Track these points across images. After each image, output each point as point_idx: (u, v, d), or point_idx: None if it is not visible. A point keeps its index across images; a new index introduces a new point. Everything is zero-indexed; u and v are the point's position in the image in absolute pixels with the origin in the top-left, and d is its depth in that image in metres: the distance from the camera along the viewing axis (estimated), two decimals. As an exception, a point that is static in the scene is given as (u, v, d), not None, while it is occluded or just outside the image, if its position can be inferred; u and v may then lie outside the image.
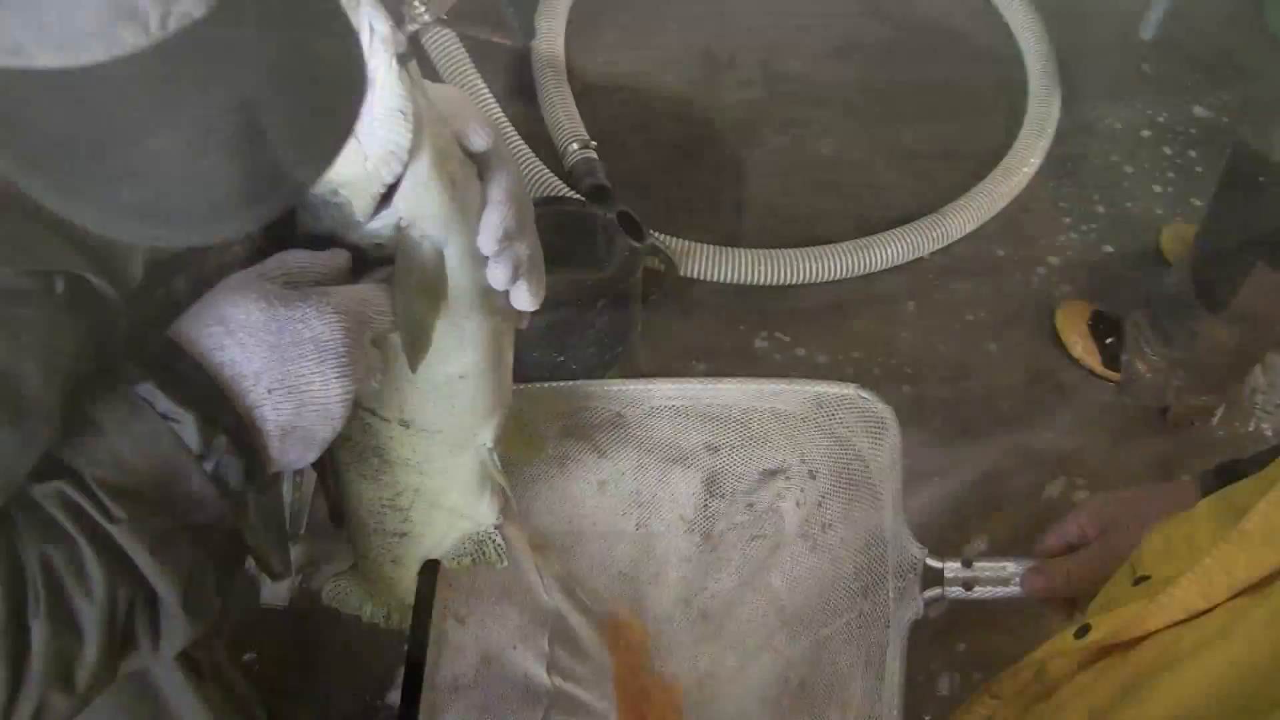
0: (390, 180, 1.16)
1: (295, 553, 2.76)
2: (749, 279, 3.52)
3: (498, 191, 1.27)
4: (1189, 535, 1.24)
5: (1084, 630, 1.26)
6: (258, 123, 0.76)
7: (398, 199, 1.18)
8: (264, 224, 0.84)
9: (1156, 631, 1.16)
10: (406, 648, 1.70)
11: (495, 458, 1.56)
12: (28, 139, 0.73)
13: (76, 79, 0.69)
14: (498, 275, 1.30)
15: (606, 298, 3.02)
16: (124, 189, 0.76)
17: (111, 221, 0.78)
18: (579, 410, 1.99)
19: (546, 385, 1.95)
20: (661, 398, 1.99)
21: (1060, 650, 1.31)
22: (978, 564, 1.72)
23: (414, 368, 1.24)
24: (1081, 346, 3.40)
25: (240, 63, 0.74)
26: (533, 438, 1.69)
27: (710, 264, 3.50)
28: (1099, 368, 3.38)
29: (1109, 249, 3.74)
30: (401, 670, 2.70)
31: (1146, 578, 1.23)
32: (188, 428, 1.11)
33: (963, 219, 3.70)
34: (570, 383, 1.96)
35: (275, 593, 2.74)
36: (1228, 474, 1.37)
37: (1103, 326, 3.38)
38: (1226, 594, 1.10)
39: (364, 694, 2.73)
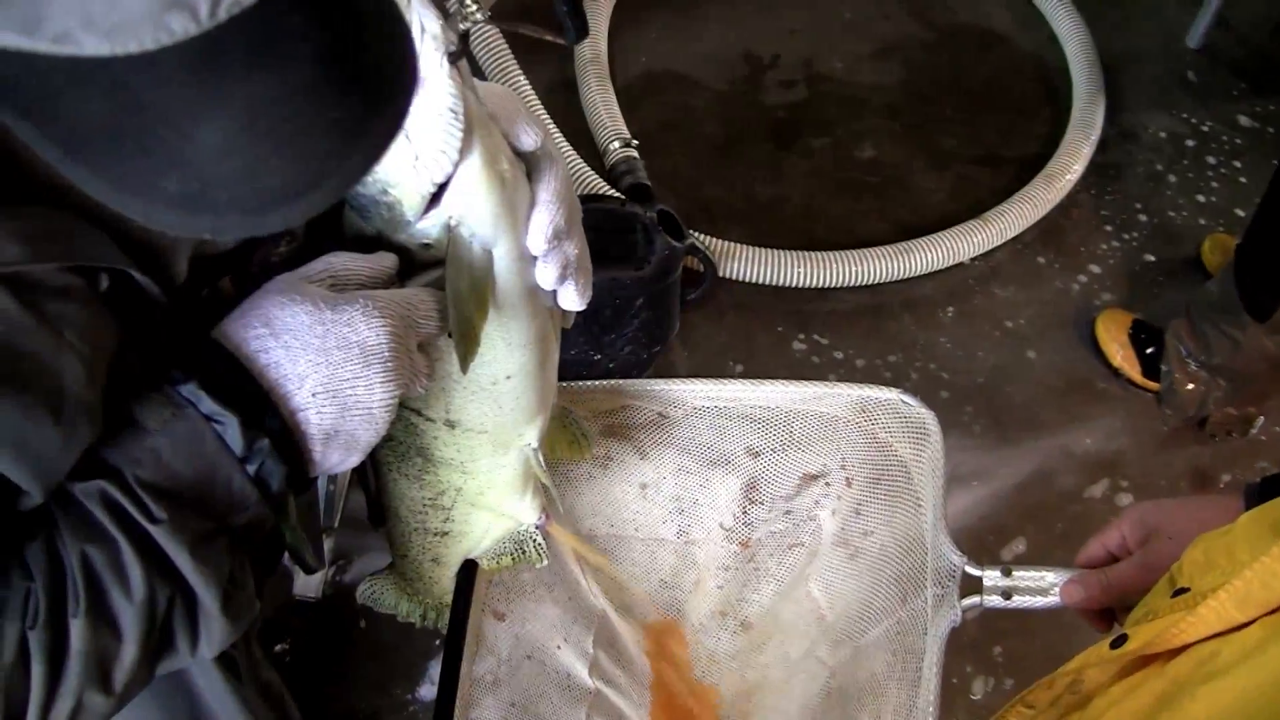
0: (440, 180, 1.15)
1: (328, 546, 2.77)
2: (788, 280, 3.51)
3: (546, 191, 1.26)
4: (1229, 547, 1.23)
5: (1121, 640, 1.24)
6: (307, 113, 0.76)
7: (447, 198, 1.17)
8: (311, 217, 0.83)
9: (1194, 644, 1.15)
10: (443, 646, 1.70)
11: (540, 458, 1.55)
12: (74, 128, 0.72)
13: (124, 67, 0.68)
14: (546, 275, 1.29)
15: (645, 297, 3.01)
16: (170, 180, 0.75)
17: (157, 213, 0.78)
18: (621, 409, 1.98)
19: (589, 384, 1.94)
20: (704, 398, 1.98)
21: (1096, 660, 1.29)
22: (1017, 573, 1.70)
23: (465, 369, 1.23)
24: (1121, 355, 3.37)
25: (290, 52, 0.73)
26: (578, 438, 1.68)
27: (749, 264, 3.50)
28: (1138, 377, 3.36)
29: (1150, 258, 3.72)
30: (432, 665, 2.72)
31: (1186, 589, 1.22)
32: (231, 429, 1.11)
33: (1004, 225, 3.68)
34: (613, 381, 1.95)
35: (307, 585, 2.75)
36: (1273, 487, 1.36)
37: (1143, 336, 3.35)
38: (1264, 609, 1.08)
39: (394, 688, 2.73)
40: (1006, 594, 1.70)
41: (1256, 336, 2.94)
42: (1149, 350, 3.33)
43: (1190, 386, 3.19)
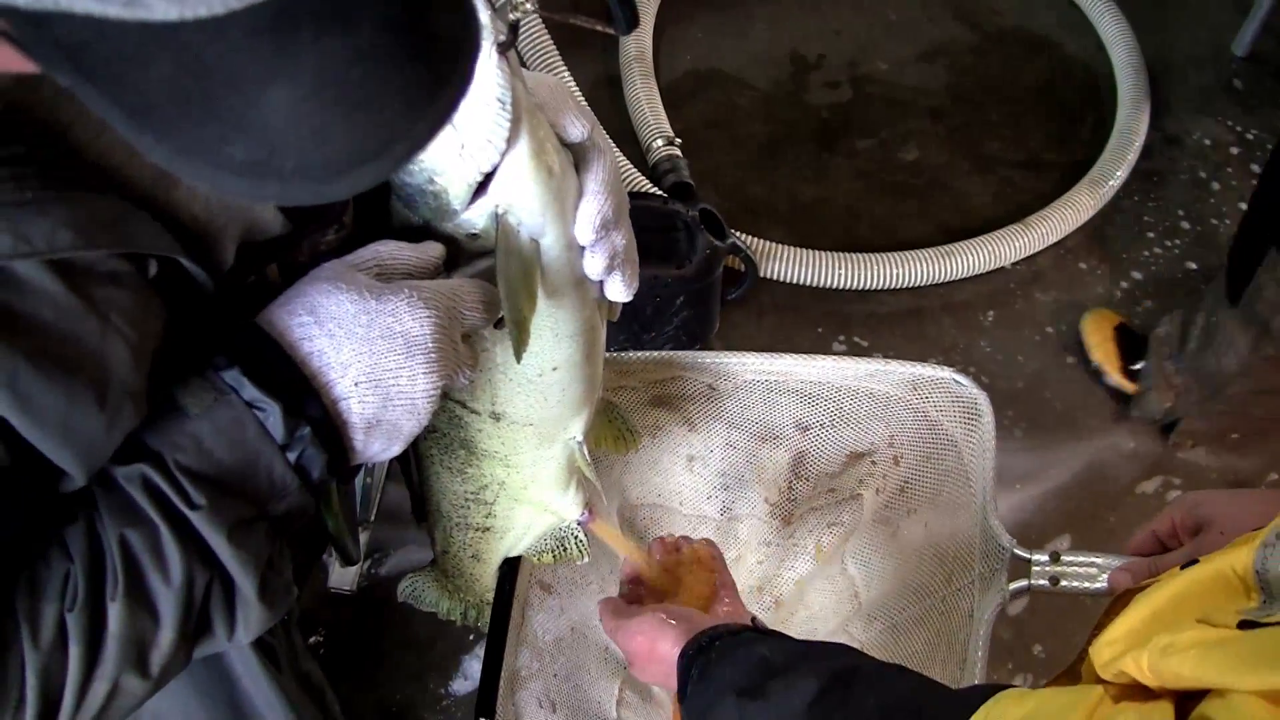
0: (488, 169, 1.15)
1: (363, 539, 2.77)
2: (828, 281, 3.50)
3: (594, 182, 1.26)
4: None
5: (1192, 563, 1.27)
6: (374, 79, 0.75)
7: (494, 188, 1.17)
8: (377, 183, 0.83)
9: None
10: (480, 641, 1.69)
11: (584, 451, 1.55)
12: (141, 93, 0.72)
13: (193, 32, 0.68)
14: (594, 265, 1.29)
15: (686, 295, 3.01)
16: (236, 146, 0.75)
17: (223, 180, 0.77)
18: (671, 380, 1.98)
19: (638, 355, 1.94)
20: (755, 372, 1.98)
21: (1166, 579, 1.32)
22: (1066, 558, 1.70)
23: (519, 358, 1.22)
24: (1101, 351, 3.35)
25: (358, 17, 0.73)
26: (624, 433, 1.68)
27: (790, 265, 3.48)
28: (1116, 374, 3.32)
29: (1192, 265, 3.70)
30: (465, 659, 2.72)
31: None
32: (272, 416, 1.11)
33: (1046, 229, 3.66)
34: (663, 353, 1.95)
35: (343, 578, 2.76)
36: None
37: (1127, 339, 3.34)
38: None
39: (428, 681, 2.73)
40: (1054, 580, 1.70)
41: (1230, 329, 2.90)
42: (1130, 353, 3.31)
43: (1165, 392, 3.16)
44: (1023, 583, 1.71)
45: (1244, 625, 1.03)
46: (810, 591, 2.10)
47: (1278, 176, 2.68)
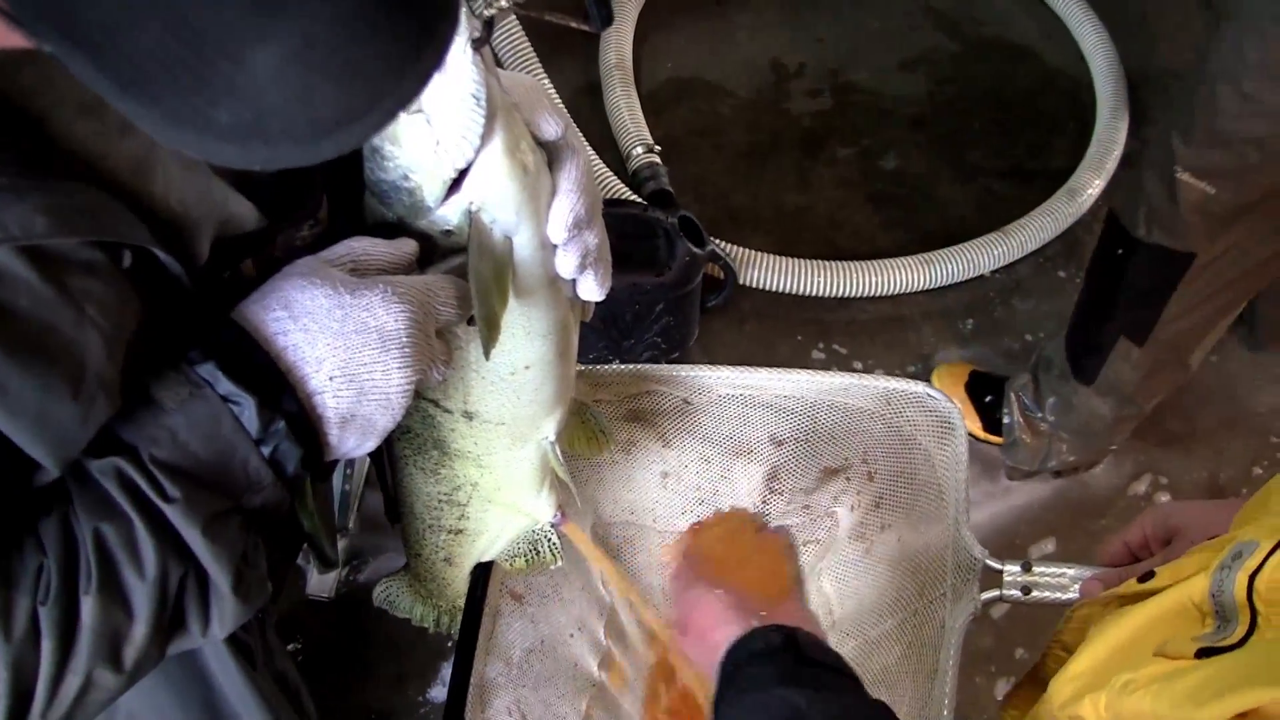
0: (462, 165, 1.15)
1: (342, 545, 2.77)
2: (808, 289, 3.51)
3: (568, 180, 1.26)
4: (1264, 499, 1.26)
5: (1148, 576, 1.30)
6: (360, 38, 0.76)
7: (468, 185, 1.17)
8: (362, 144, 0.84)
9: None
10: (454, 652, 1.69)
11: (557, 451, 1.55)
12: (130, 59, 0.72)
13: None
14: (566, 264, 1.29)
15: (665, 302, 3.01)
16: (223, 110, 0.75)
17: (211, 146, 0.78)
18: (645, 394, 1.98)
19: (614, 368, 1.94)
20: (729, 386, 1.98)
21: (1125, 592, 1.35)
22: (1037, 568, 1.71)
23: (488, 354, 1.22)
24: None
25: None
26: (597, 434, 1.67)
27: (770, 272, 3.49)
28: (979, 431, 3.28)
29: (1172, 274, 3.70)
30: (445, 666, 2.72)
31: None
32: (247, 410, 1.11)
33: (1025, 238, 3.68)
34: (638, 366, 1.94)
35: (321, 584, 2.75)
36: None
37: (981, 388, 3.30)
38: None
39: (407, 688, 2.73)
40: (1026, 589, 1.71)
41: (1088, 399, 2.93)
42: (988, 400, 3.27)
43: (1031, 440, 3.13)
44: (994, 593, 1.72)
45: (1202, 654, 1.04)
46: (785, 609, 2.10)
47: (1111, 258, 2.68)
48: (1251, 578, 1.08)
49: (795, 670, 1.21)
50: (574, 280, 1.33)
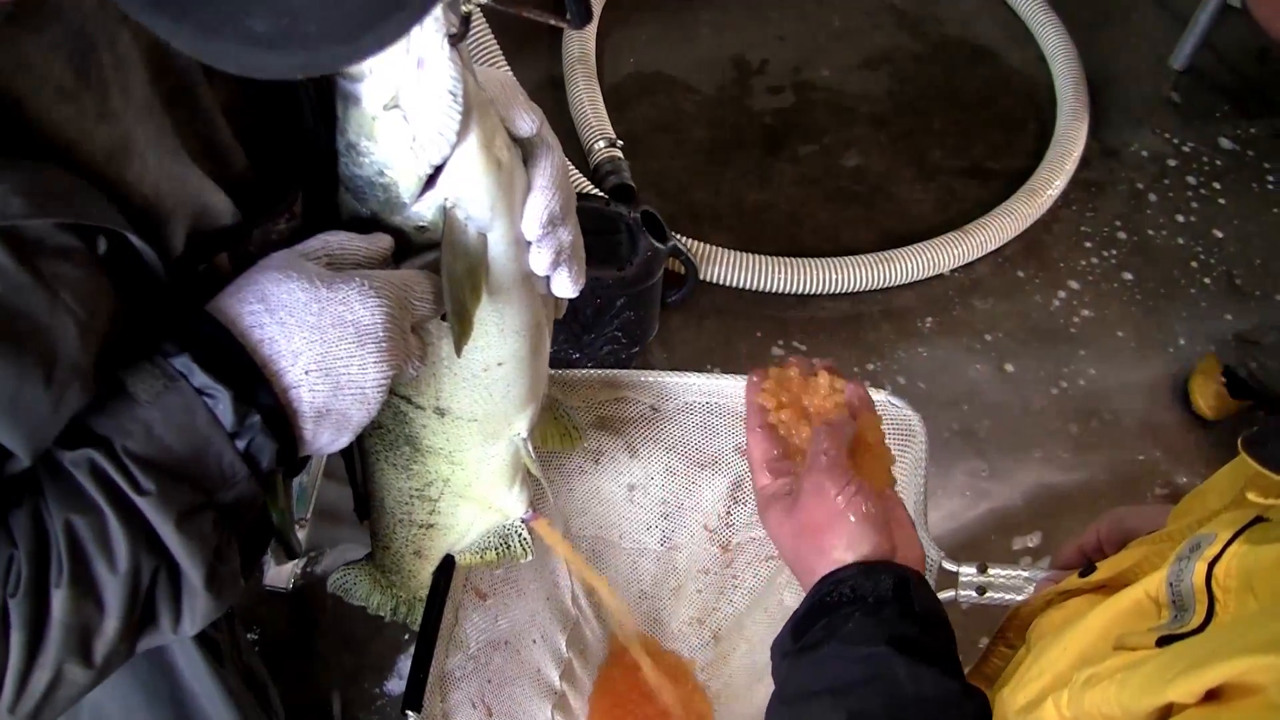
0: (437, 162, 1.15)
1: (301, 536, 2.76)
2: (768, 285, 3.52)
3: (543, 177, 1.26)
4: (1202, 495, 1.27)
5: (1089, 569, 1.34)
6: None
7: (443, 181, 1.17)
8: (400, 39, 0.84)
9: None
10: (415, 643, 1.69)
11: (529, 447, 1.55)
12: None
13: None
14: (540, 260, 1.29)
15: (626, 297, 3.01)
16: (257, 18, 0.75)
17: (249, 56, 0.77)
18: (614, 401, 1.98)
19: (582, 373, 1.94)
20: (696, 393, 1.98)
21: (1069, 586, 1.37)
22: (992, 570, 1.72)
23: (459, 351, 1.22)
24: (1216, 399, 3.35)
25: None
26: (569, 430, 1.67)
27: (730, 269, 3.50)
28: (1231, 402, 3.31)
29: (1128, 276, 3.73)
30: (401, 659, 2.71)
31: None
32: (222, 403, 1.10)
33: (985, 237, 3.70)
34: (607, 372, 1.94)
35: (279, 576, 2.74)
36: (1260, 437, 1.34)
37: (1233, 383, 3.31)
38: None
39: (363, 680, 2.72)
40: (981, 590, 1.72)
41: None
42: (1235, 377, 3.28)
43: None
44: (950, 593, 1.73)
45: (1162, 642, 1.05)
46: (749, 624, 2.10)
47: None
48: (1210, 566, 1.09)
49: (900, 628, 1.15)
50: (547, 277, 1.33)
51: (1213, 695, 0.91)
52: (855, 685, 1.13)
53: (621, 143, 3.71)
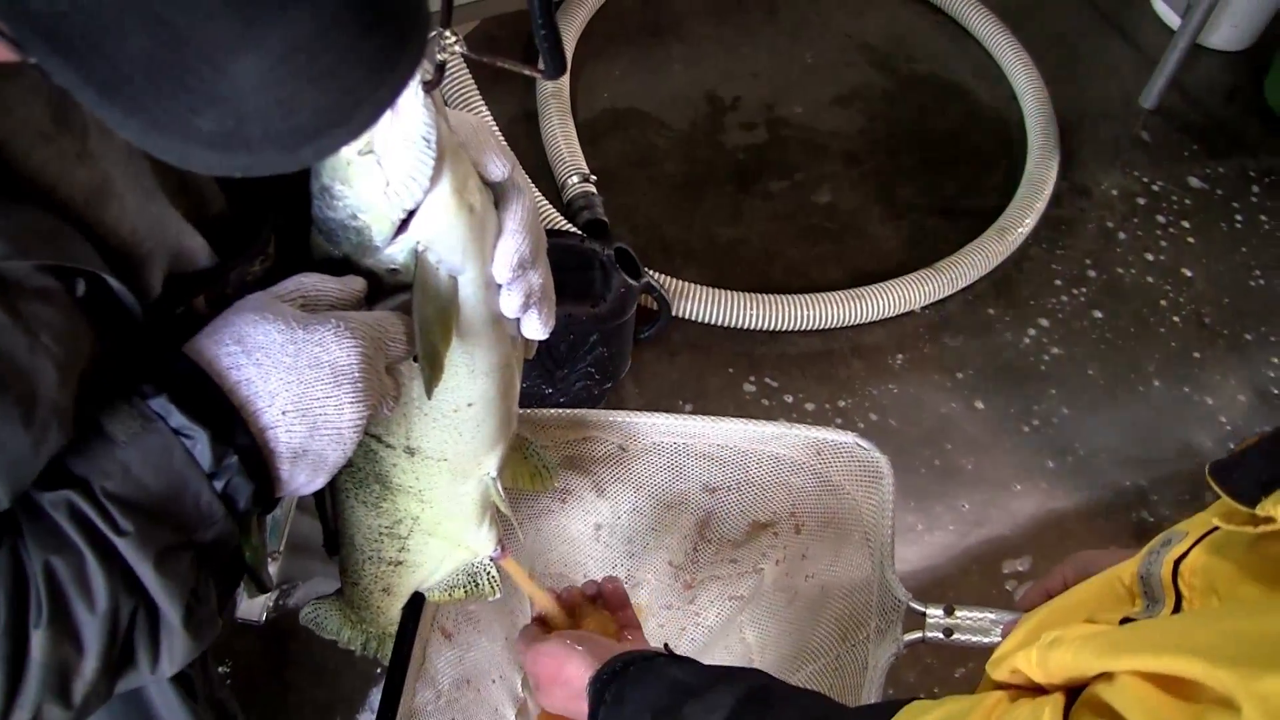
0: (410, 206, 1.16)
1: (273, 570, 2.76)
2: (740, 322, 3.53)
3: (513, 221, 1.28)
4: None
5: None
6: (338, 47, 0.79)
7: (416, 225, 1.19)
8: (341, 149, 0.86)
9: None
10: (384, 680, 1.69)
11: (499, 487, 1.56)
12: (115, 66, 0.74)
13: (167, 3, 0.71)
14: (510, 303, 1.31)
15: (600, 333, 3.02)
16: (206, 118, 0.77)
17: (193, 153, 0.79)
18: (582, 440, 1.99)
19: (552, 412, 1.96)
20: (664, 432, 1.99)
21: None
22: (960, 612, 1.73)
23: (430, 394, 1.24)
24: None
25: None
26: (540, 470, 1.68)
27: (703, 304, 3.51)
28: None
29: (1098, 314, 3.75)
30: (373, 692, 2.71)
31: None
32: (200, 444, 1.11)
33: (955, 275, 3.71)
34: (575, 411, 1.96)
35: (251, 609, 2.74)
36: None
37: None
38: None
39: (335, 714, 2.72)
40: (948, 631, 1.73)
41: None
42: None
43: None
44: (917, 635, 1.74)
45: (1124, 621, 1.08)
46: (707, 659, 2.11)
47: None
48: (1177, 563, 1.12)
49: (667, 660, 1.32)
50: (518, 319, 1.35)
51: (1156, 679, 0.94)
52: (653, 700, 1.29)
53: (595, 177, 3.72)
